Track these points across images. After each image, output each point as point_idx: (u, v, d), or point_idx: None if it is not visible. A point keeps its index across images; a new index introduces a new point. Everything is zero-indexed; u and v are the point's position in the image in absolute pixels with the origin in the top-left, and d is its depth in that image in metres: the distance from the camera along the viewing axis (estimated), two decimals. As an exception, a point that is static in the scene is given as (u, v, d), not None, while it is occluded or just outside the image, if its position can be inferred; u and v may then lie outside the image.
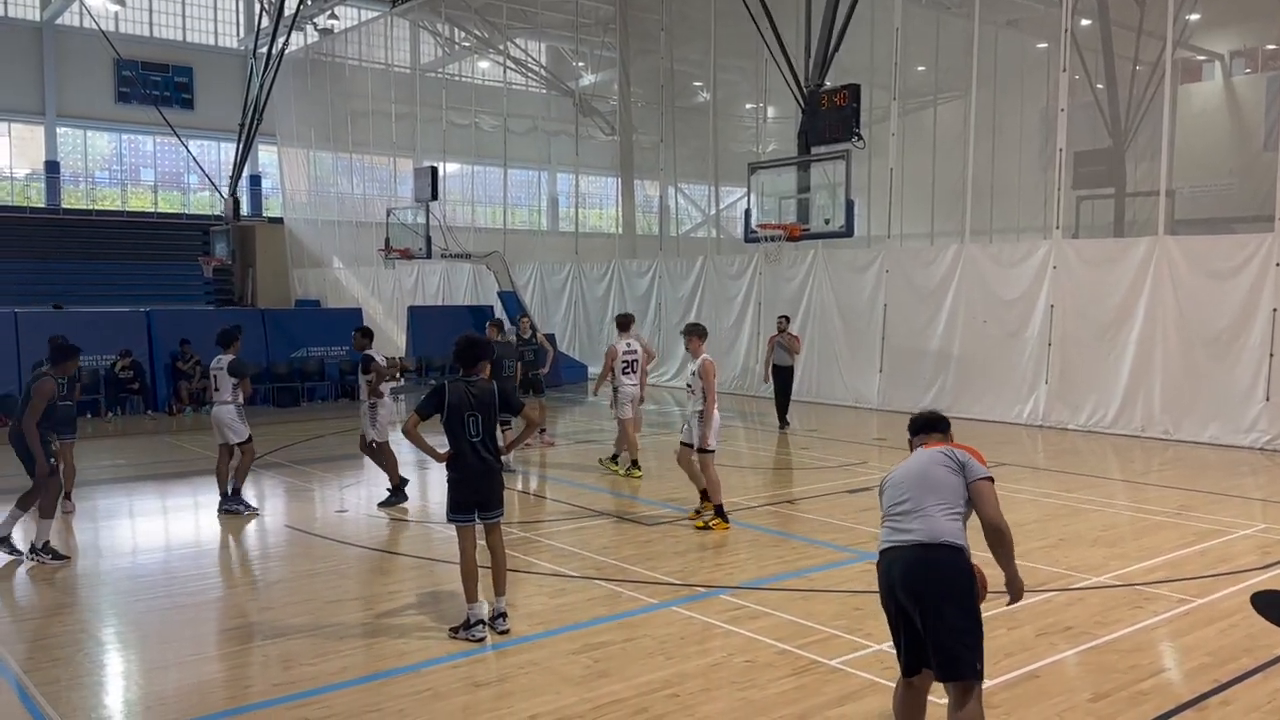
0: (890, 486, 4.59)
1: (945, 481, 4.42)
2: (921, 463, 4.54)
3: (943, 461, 4.48)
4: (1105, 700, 5.49)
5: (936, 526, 4.30)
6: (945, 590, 4.23)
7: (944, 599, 4.22)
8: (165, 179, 38.55)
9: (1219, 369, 14.44)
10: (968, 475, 4.43)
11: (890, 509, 4.50)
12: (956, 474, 4.43)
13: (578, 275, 26.78)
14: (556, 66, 33.31)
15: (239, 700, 5.60)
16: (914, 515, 4.35)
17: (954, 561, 4.27)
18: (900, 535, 4.36)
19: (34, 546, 8.51)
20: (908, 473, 4.55)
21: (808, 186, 15.83)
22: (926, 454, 4.57)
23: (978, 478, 4.43)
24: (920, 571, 4.27)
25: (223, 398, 10.43)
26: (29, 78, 34.62)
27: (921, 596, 4.24)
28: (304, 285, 36.27)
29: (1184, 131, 20.93)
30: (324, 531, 9.73)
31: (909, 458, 4.69)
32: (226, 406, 10.45)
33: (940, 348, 17.90)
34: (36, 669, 6.06)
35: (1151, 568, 8.14)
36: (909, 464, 4.61)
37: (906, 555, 4.30)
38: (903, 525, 4.37)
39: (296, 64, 33.01)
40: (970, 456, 4.48)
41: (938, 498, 4.37)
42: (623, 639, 6.49)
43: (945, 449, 4.54)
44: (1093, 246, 17.01)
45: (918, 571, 4.27)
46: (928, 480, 4.45)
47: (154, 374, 19.51)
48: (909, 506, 4.40)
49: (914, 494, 4.42)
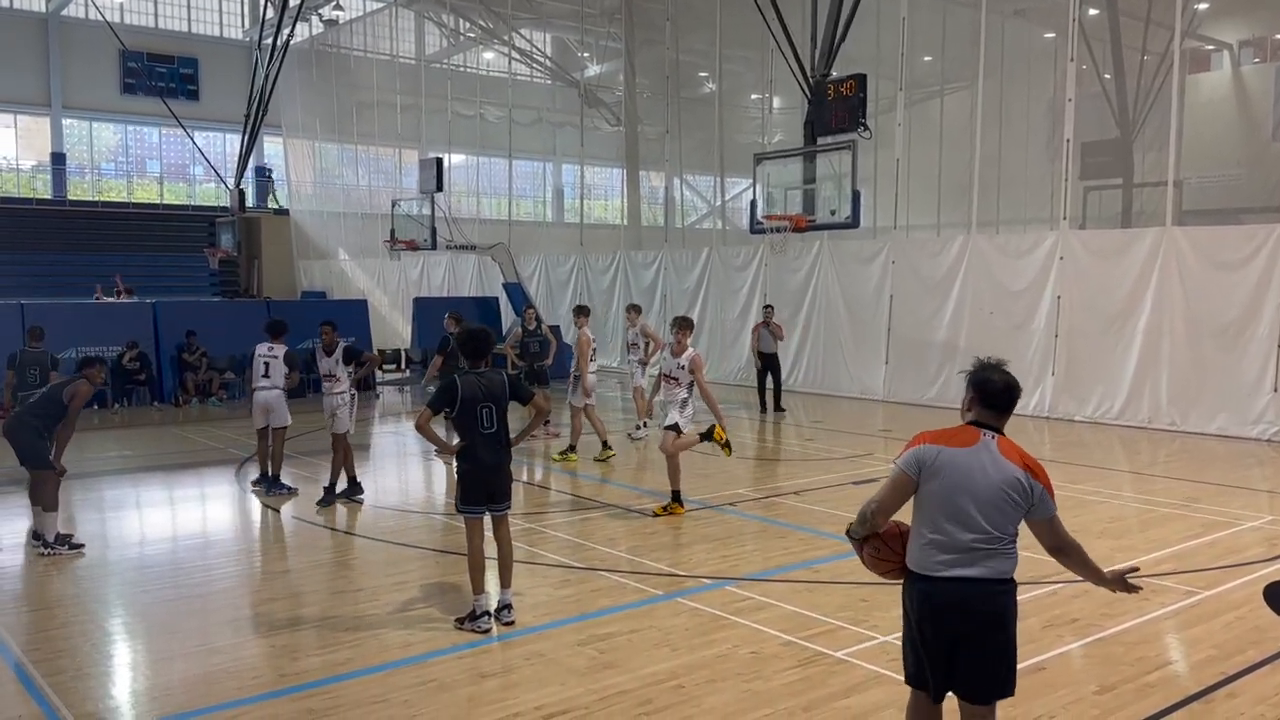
0: (948, 495, 3.88)
1: (1014, 516, 3.89)
2: (992, 484, 3.84)
3: (1017, 491, 3.85)
4: (1111, 693, 5.48)
5: (1004, 565, 3.88)
6: (1003, 620, 3.91)
7: (999, 628, 3.90)
8: (171, 170, 38.58)
9: (1227, 360, 14.38)
10: (1035, 514, 3.91)
11: (950, 531, 3.86)
12: (1022, 508, 3.88)
13: (583, 267, 26.74)
14: (562, 57, 33.23)
15: (245, 691, 5.61)
16: (983, 553, 3.84)
17: (1012, 593, 3.95)
18: (963, 569, 3.84)
19: (46, 541, 8.56)
20: (977, 492, 3.84)
21: (813, 177, 15.77)
22: (1002, 470, 3.85)
23: (1048, 516, 3.92)
24: (986, 606, 3.88)
25: (274, 383, 10.89)
26: (34, 69, 34.65)
27: (983, 631, 3.88)
28: (309, 277, 36.28)
29: (1192, 122, 20.81)
30: (329, 522, 9.74)
31: (975, 450, 3.89)
32: (275, 392, 10.88)
33: (946, 339, 17.85)
34: (43, 660, 6.08)
35: (1158, 560, 8.12)
36: (978, 471, 3.86)
37: (968, 590, 3.84)
38: (968, 560, 3.84)
39: (302, 55, 32.98)
40: (1046, 492, 3.90)
41: (1005, 533, 3.87)
42: (628, 630, 6.49)
43: (1024, 473, 3.86)
44: (1100, 237, 16.94)
45: (983, 607, 3.87)
46: (1000, 513, 3.85)
47: (160, 365, 19.55)
48: (977, 541, 3.84)
49: (985, 524, 3.84)
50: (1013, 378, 4.02)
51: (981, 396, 4.00)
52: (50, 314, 19.06)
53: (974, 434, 3.94)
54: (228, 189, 30.75)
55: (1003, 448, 3.90)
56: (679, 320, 9.99)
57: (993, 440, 3.91)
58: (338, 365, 10.78)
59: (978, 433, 3.94)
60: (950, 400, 17.51)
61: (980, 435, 3.93)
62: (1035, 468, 3.91)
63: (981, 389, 4.00)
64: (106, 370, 10.47)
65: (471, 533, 6.67)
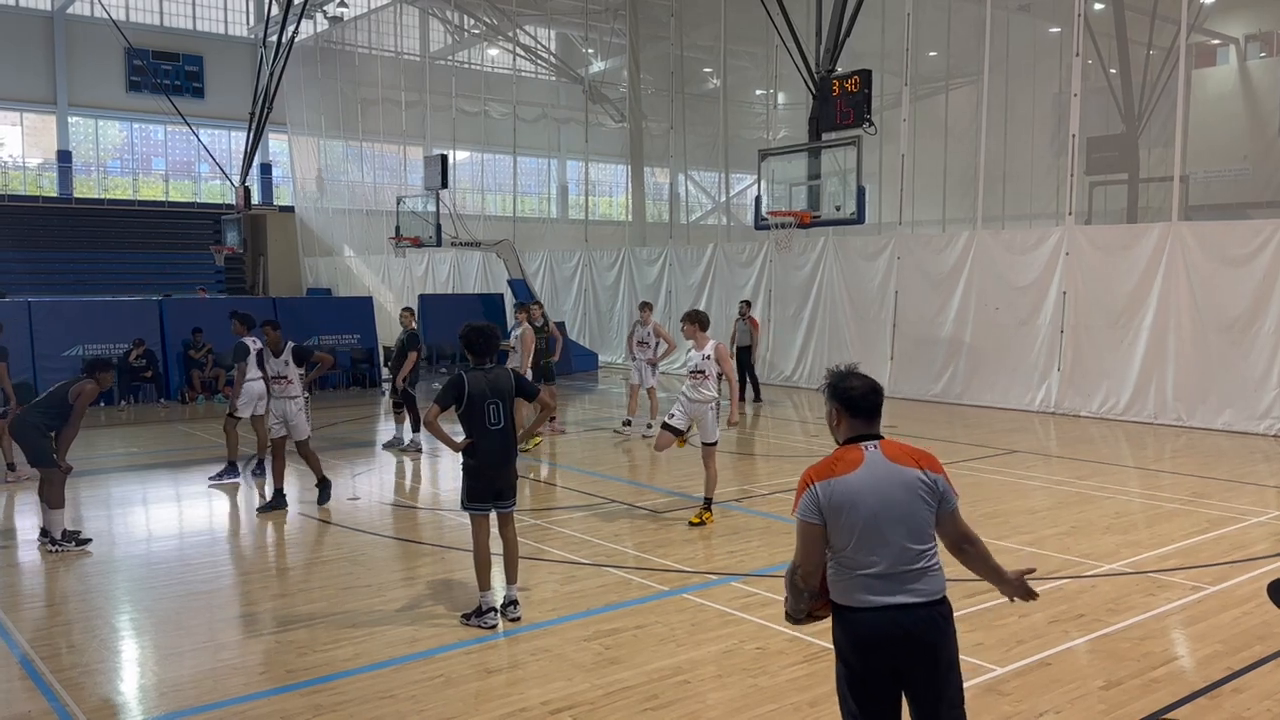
0: (858, 524, 3.54)
1: (928, 521, 3.61)
2: (898, 495, 3.56)
3: (920, 492, 3.59)
4: (1117, 688, 5.48)
5: (935, 584, 3.57)
6: (946, 644, 3.60)
7: (944, 652, 3.59)
8: (176, 168, 38.63)
9: (1233, 355, 14.36)
10: (943, 507, 3.65)
11: (872, 561, 3.53)
12: (933, 506, 3.62)
13: (588, 263, 26.75)
14: (566, 53, 33.23)
15: (253, 687, 5.63)
16: (910, 574, 3.53)
17: (950, 614, 3.63)
18: (897, 596, 3.52)
19: (53, 538, 8.60)
20: (886, 509, 3.54)
21: (818, 173, 15.74)
22: (900, 477, 3.58)
23: (954, 507, 3.67)
24: (933, 633, 3.55)
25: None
26: (40, 68, 34.71)
27: (936, 661, 3.57)
28: (315, 274, 36.33)
29: (1198, 116, 20.76)
30: (336, 519, 9.77)
31: (866, 468, 3.58)
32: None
33: (952, 335, 17.84)
34: (52, 656, 6.11)
35: (1164, 555, 8.12)
36: (879, 488, 3.56)
37: (908, 619, 3.51)
38: (898, 586, 3.52)
39: (307, 52, 33.01)
40: (946, 482, 3.65)
41: (926, 543, 3.59)
42: (634, 626, 6.50)
43: (920, 471, 3.60)
44: (1106, 233, 16.90)
45: (929, 635, 3.54)
46: (915, 522, 3.57)
47: (166, 362, 19.60)
48: (902, 563, 3.53)
49: (905, 540, 3.54)
50: (871, 379, 3.76)
51: (846, 407, 3.71)
52: (57, 311, 19.13)
53: (856, 453, 3.63)
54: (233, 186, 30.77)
55: (890, 453, 3.62)
56: (694, 315, 9.57)
57: (877, 449, 3.63)
58: (287, 366, 10.23)
59: (859, 450, 3.63)
60: (955, 396, 17.52)
61: (863, 451, 3.62)
62: (928, 461, 3.66)
63: (843, 399, 3.71)
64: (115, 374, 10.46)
65: (477, 529, 6.65)
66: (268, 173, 38.91)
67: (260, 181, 37.36)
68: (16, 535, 9.38)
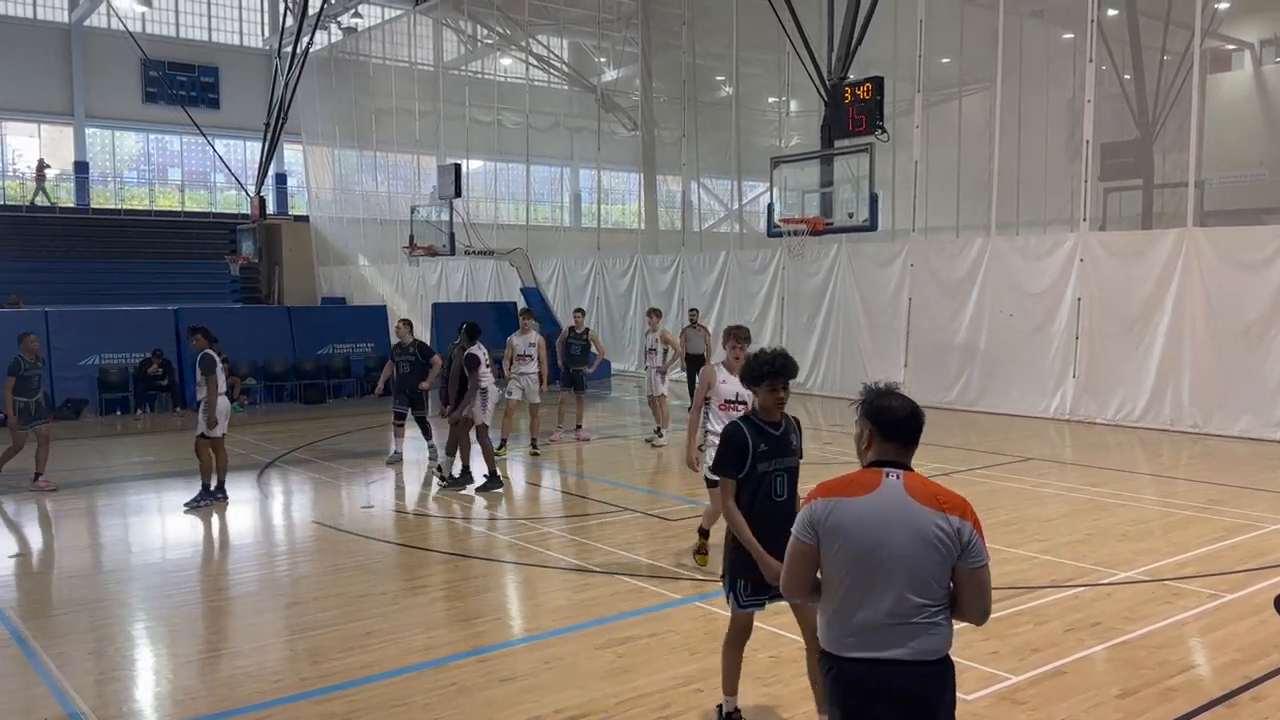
0: (851, 557, 3.15)
1: (941, 572, 3.14)
2: (904, 536, 3.11)
3: (938, 538, 3.10)
4: (1133, 696, 5.44)
5: (933, 643, 3.15)
6: (950, 704, 3.24)
7: (949, 715, 3.25)
8: (192, 178, 38.89)
9: (1250, 361, 14.26)
10: (964, 560, 3.13)
11: (861, 602, 3.14)
12: (950, 558, 3.12)
13: (600, 271, 26.79)
14: (578, 62, 33.32)
15: (267, 694, 5.65)
16: (905, 629, 3.11)
17: (947, 676, 3.22)
18: (889, 650, 3.13)
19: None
20: (887, 548, 3.11)
21: (831, 180, 15.74)
22: (914, 517, 3.12)
23: (981, 564, 3.14)
24: (926, 694, 3.17)
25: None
26: (58, 79, 35.02)
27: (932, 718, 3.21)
28: (329, 283, 36.49)
29: (1213, 122, 20.65)
30: (350, 527, 9.79)
31: (877, 496, 3.15)
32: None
33: (966, 341, 17.78)
34: (68, 663, 6.15)
35: (1181, 563, 8.06)
36: (885, 522, 3.12)
37: (901, 678, 3.13)
38: (891, 639, 3.12)
39: (321, 63, 33.20)
40: (975, 532, 3.13)
41: (932, 598, 3.13)
42: (647, 634, 6.50)
43: (941, 515, 3.11)
44: (1120, 239, 16.83)
45: (922, 695, 3.16)
46: (919, 571, 3.11)
47: (182, 372, 19.70)
48: (897, 613, 3.11)
49: (905, 589, 3.11)
50: (914, 403, 3.30)
51: (880, 428, 3.27)
52: (73, 321, 19.28)
53: (875, 476, 3.20)
54: (248, 196, 30.97)
55: (912, 487, 3.15)
56: (735, 331, 7.65)
57: (898, 480, 3.17)
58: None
59: (879, 474, 3.20)
60: (969, 403, 17.46)
61: (882, 477, 3.18)
62: (955, 505, 3.15)
63: (879, 419, 3.27)
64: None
65: (741, 626, 5.13)
66: (283, 182, 39.12)
67: (275, 191, 37.57)
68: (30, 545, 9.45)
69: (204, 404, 10.58)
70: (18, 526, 10.17)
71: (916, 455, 3.31)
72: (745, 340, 7.51)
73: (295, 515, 10.65)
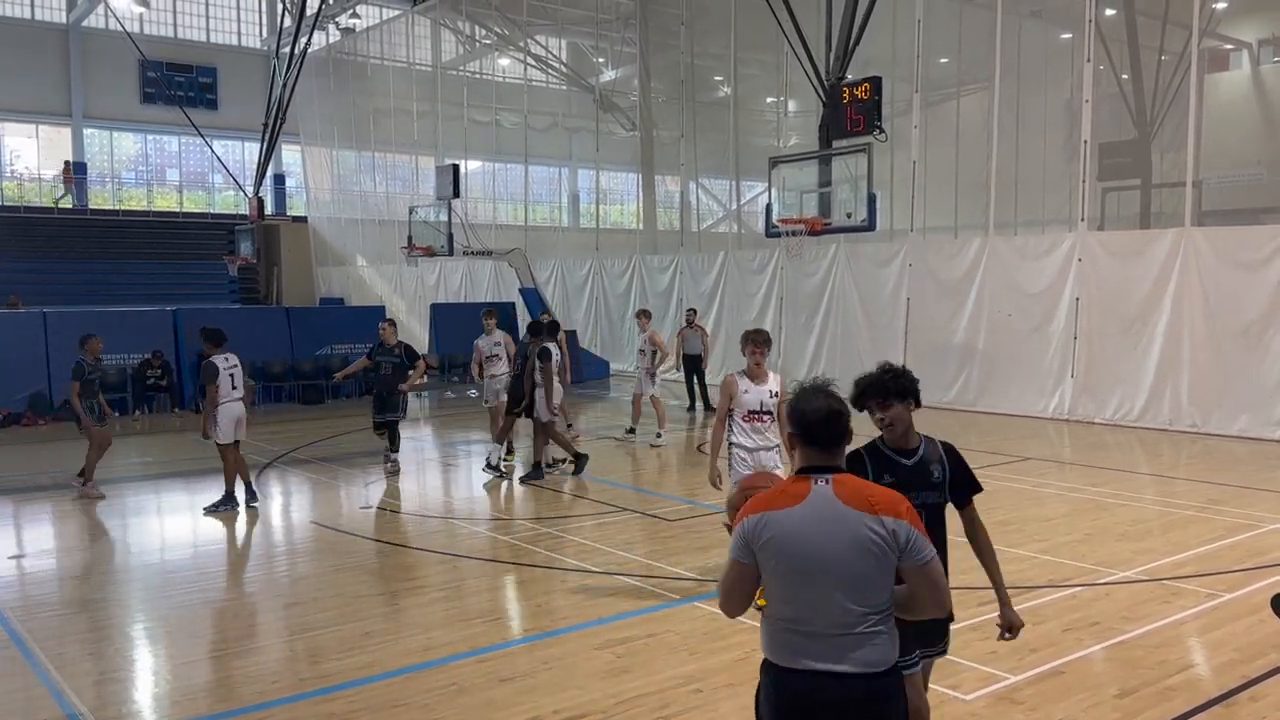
0: (787, 571, 3.01)
1: (882, 579, 3.00)
2: (838, 545, 2.96)
3: (873, 542, 2.96)
4: (1132, 696, 5.45)
5: (875, 654, 3.00)
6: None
7: None
8: (190, 179, 38.87)
9: (1248, 361, 14.27)
10: (906, 559, 2.99)
11: (801, 615, 3.01)
12: (888, 560, 2.99)
13: (599, 271, 26.79)
14: (577, 63, 33.31)
15: (266, 695, 5.65)
16: (851, 639, 2.98)
17: (891, 689, 3.07)
18: (830, 663, 2.99)
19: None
20: (822, 559, 2.97)
21: (829, 180, 15.74)
22: (846, 523, 2.98)
23: (927, 559, 3.01)
24: (869, 710, 3.02)
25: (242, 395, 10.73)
26: (56, 80, 35.00)
27: None
28: (328, 283, 36.48)
29: (1211, 121, 20.67)
30: (349, 527, 9.79)
31: (807, 506, 3.01)
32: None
33: (964, 341, 17.79)
34: (67, 664, 6.14)
35: (1180, 562, 8.07)
36: (818, 532, 2.98)
37: (841, 691, 2.99)
38: (832, 651, 2.99)
39: (319, 63, 33.19)
40: (913, 529, 2.99)
41: (872, 607, 2.99)
42: (645, 634, 6.50)
43: (874, 518, 2.97)
44: (1118, 238, 16.84)
45: (865, 711, 3.02)
46: (857, 579, 2.97)
47: (181, 372, 19.69)
48: (837, 624, 2.98)
49: (845, 599, 2.97)
50: (837, 399, 3.15)
51: (801, 432, 3.13)
52: (72, 322, 19.25)
53: (803, 485, 3.05)
54: (247, 197, 30.96)
55: (842, 492, 3.01)
56: (754, 336, 7.19)
57: (828, 486, 3.03)
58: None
59: (807, 482, 3.05)
60: (968, 403, 17.47)
61: (811, 484, 3.04)
62: (888, 504, 3.01)
63: (799, 424, 3.13)
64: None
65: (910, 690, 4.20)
66: (281, 183, 39.11)
67: (273, 192, 37.56)
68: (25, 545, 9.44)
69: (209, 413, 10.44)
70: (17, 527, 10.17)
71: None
72: (765, 345, 7.13)
73: (294, 516, 10.65)
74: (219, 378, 10.38)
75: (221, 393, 10.37)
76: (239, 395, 10.55)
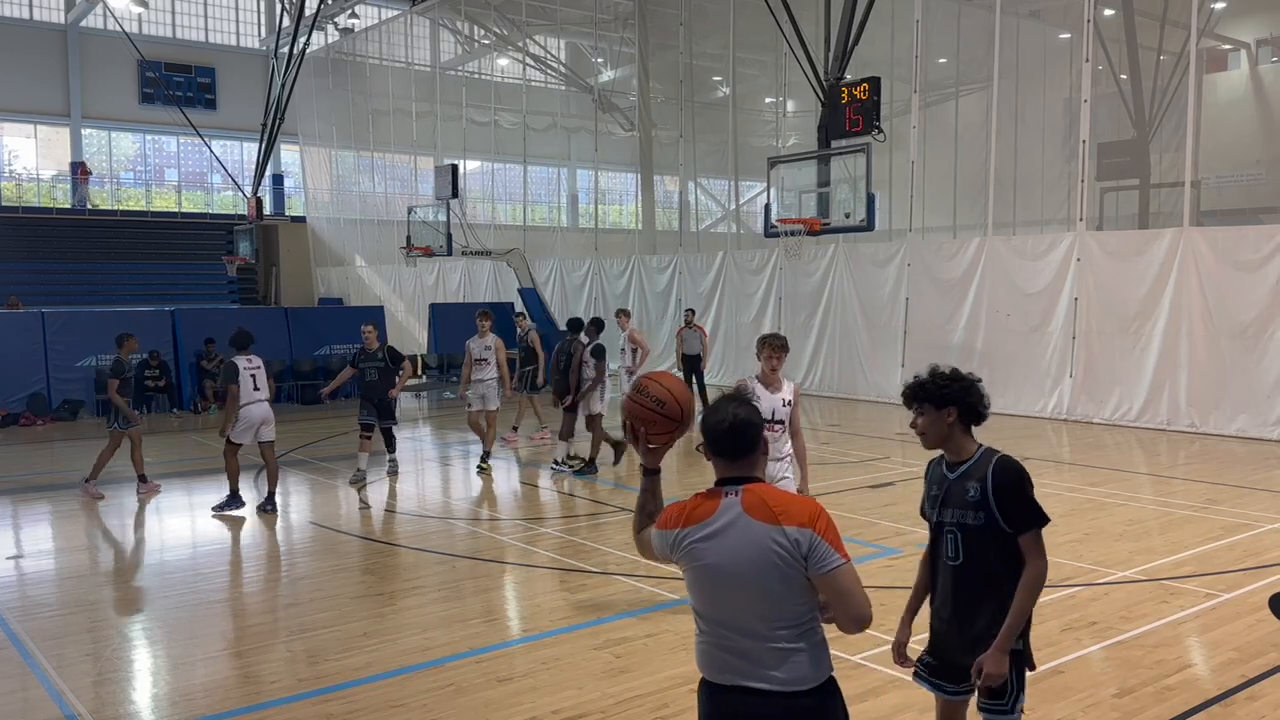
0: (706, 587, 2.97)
1: (793, 594, 2.90)
2: (744, 562, 2.89)
3: (776, 554, 2.86)
4: (1130, 696, 5.45)
5: (798, 670, 2.91)
6: None
7: None
8: (189, 179, 38.85)
9: (1246, 361, 14.28)
10: (812, 569, 2.86)
11: (722, 631, 2.96)
12: (794, 571, 2.87)
13: (598, 271, 26.80)
14: (576, 63, 33.32)
15: (264, 695, 5.65)
16: (767, 655, 2.90)
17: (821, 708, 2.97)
18: (747, 679, 2.92)
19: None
20: (731, 576, 2.90)
21: (828, 180, 15.75)
22: (751, 536, 2.89)
23: (831, 567, 2.86)
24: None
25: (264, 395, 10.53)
26: (54, 80, 34.99)
27: None
28: (327, 284, 36.48)
29: (1209, 122, 20.68)
30: (348, 528, 9.79)
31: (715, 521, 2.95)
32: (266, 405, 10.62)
33: (963, 341, 17.80)
34: (64, 665, 6.14)
35: (1178, 562, 8.07)
36: (727, 548, 2.91)
37: (759, 709, 2.91)
38: (750, 667, 2.92)
39: (318, 63, 33.19)
40: (818, 536, 2.86)
41: (790, 622, 2.90)
42: (644, 634, 6.50)
43: (779, 528, 2.86)
44: (1117, 238, 16.85)
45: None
46: (764, 595, 2.88)
47: (179, 373, 19.69)
48: (755, 641, 2.91)
49: (757, 617, 2.90)
50: (744, 410, 3.06)
51: (709, 444, 3.07)
52: (70, 322, 19.26)
53: (714, 499, 2.99)
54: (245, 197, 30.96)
55: (749, 504, 2.92)
56: (770, 340, 6.76)
57: (737, 498, 2.95)
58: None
59: (719, 496, 2.99)
60: (967, 403, 17.44)
61: (721, 498, 2.98)
62: (794, 513, 2.89)
63: (705, 434, 3.07)
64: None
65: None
66: (280, 183, 39.09)
67: (272, 192, 37.54)
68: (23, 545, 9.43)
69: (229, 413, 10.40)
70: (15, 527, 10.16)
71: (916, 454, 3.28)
72: (783, 351, 6.72)
73: (293, 516, 10.64)
74: (239, 378, 10.28)
75: (243, 394, 10.26)
76: (262, 396, 10.42)
